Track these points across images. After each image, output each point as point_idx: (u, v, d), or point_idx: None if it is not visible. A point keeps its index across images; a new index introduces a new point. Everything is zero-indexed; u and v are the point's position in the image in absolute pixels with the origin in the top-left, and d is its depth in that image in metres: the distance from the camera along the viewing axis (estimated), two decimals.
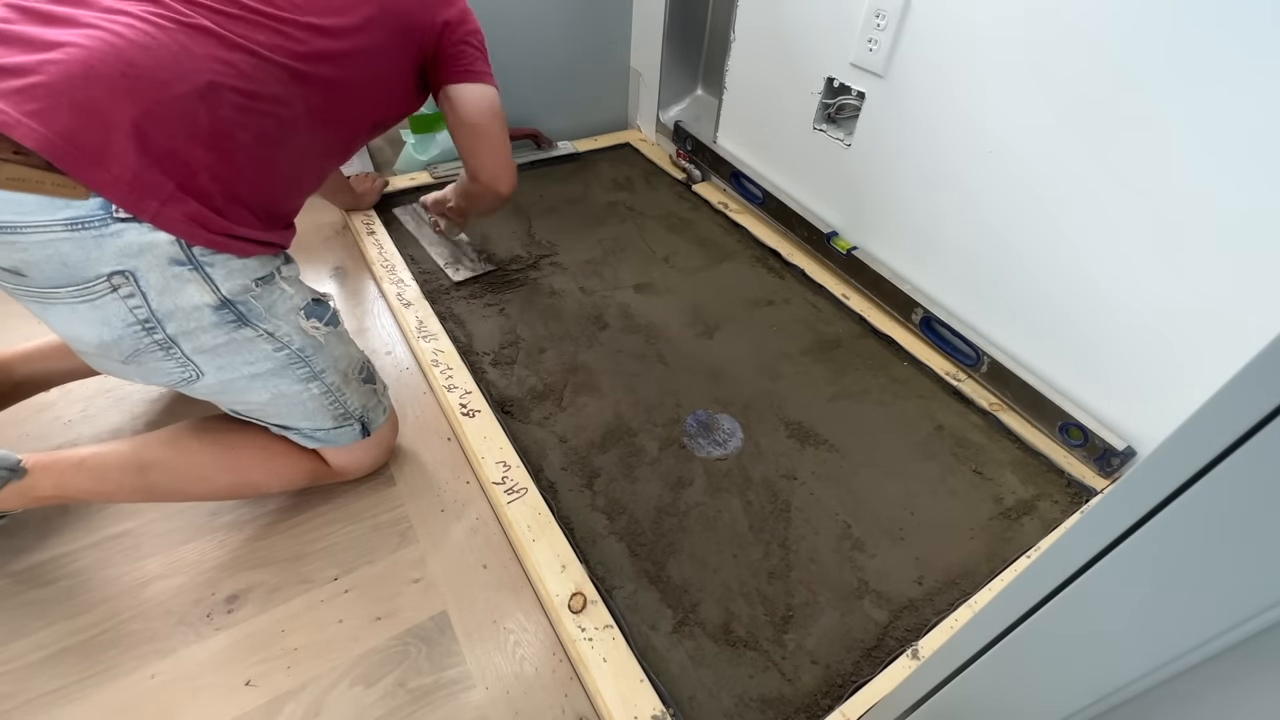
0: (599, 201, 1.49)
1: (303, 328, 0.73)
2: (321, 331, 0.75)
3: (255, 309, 0.69)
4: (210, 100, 0.62)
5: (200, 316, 0.65)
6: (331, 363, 0.77)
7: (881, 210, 1.19)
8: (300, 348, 0.73)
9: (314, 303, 0.76)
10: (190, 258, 0.63)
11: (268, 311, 0.70)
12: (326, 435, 0.80)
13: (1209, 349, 0.82)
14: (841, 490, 0.92)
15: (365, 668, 0.73)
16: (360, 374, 0.82)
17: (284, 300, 0.72)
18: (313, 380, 0.75)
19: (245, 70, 0.65)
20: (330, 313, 0.78)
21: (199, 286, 0.64)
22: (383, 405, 0.87)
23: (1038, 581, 0.36)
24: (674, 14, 1.50)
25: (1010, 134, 0.94)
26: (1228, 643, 0.27)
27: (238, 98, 0.64)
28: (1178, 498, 0.27)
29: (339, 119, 0.79)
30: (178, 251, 0.61)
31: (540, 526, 0.83)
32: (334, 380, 0.77)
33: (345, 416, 0.80)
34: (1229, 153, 0.73)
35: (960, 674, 0.44)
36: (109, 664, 0.71)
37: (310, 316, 0.74)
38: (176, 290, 0.63)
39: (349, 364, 0.80)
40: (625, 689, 0.70)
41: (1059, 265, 0.94)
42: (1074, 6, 0.81)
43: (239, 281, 0.67)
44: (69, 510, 0.83)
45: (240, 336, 0.69)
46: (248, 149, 0.66)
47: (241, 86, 0.65)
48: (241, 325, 0.68)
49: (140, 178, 0.58)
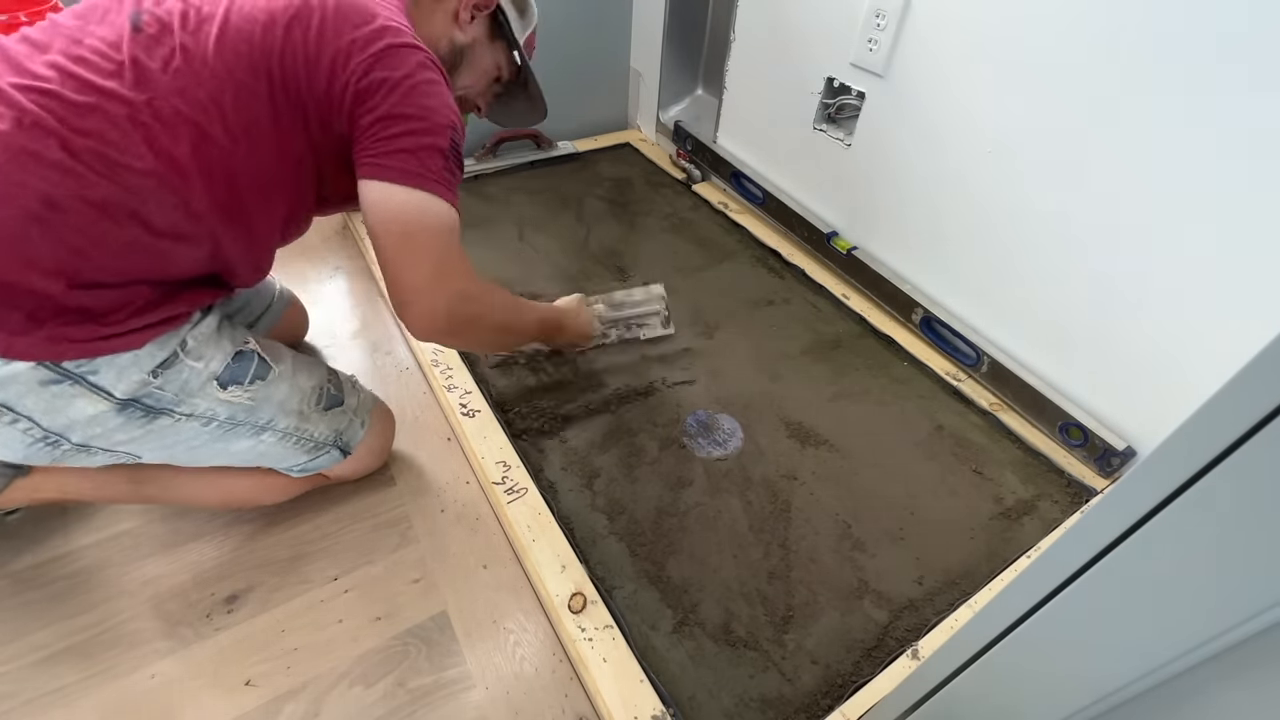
0: (598, 201, 1.49)
1: (223, 399, 0.67)
2: (245, 394, 0.69)
3: (163, 398, 0.63)
4: (45, 220, 0.53)
5: (104, 421, 0.60)
6: (277, 409, 0.72)
7: (881, 210, 1.19)
8: (229, 416, 0.68)
9: (232, 363, 0.68)
10: (64, 374, 0.56)
11: (179, 395, 0.64)
12: (305, 467, 0.79)
13: (1209, 349, 0.82)
14: (841, 490, 0.92)
15: (365, 668, 0.73)
16: (319, 403, 0.77)
17: (195, 377, 0.64)
18: (262, 433, 0.71)
19: (86, 175, 0.54)
20: (254, 367, 0.70)
21: (87, 399, 0.58)
22: (359, 420, 0.82)
23: (1038, 581, 0.36)
24: (674, 14, 1.50)
25: (1010, 134, 0.94)
26: (1228, 643, 0.27)
27: (85, 210, 0.54)
28: (1178, 498, 0.27)
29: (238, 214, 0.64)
30: (46, 374, 0.56)
31: (540, 526, 0.83)
32: (288, 423, 0.73)
33: (317, 447, 0.77)
34: (1230, 152, 0.73)
35: (960, 674, 0.44)
36: (109, 664, 0.71)
37: (229, 385, 0.67)
38: (64, 407, 0.58)
39: (301, 399, 0.74)
40: (625, 689, 0.70)
41: (1059, 265, 0.94)
42: (1074, 6, 0.81)
43: (134, 378, 0.60)
44: (68, 510, 0.83)
45: (158, 426, 0.64)
46: (114, 255, 0.57)
47: (83, 196, 0.54)
48: (155, 416, 0.63)
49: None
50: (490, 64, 0.82)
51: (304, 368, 0.77)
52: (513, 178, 1.53)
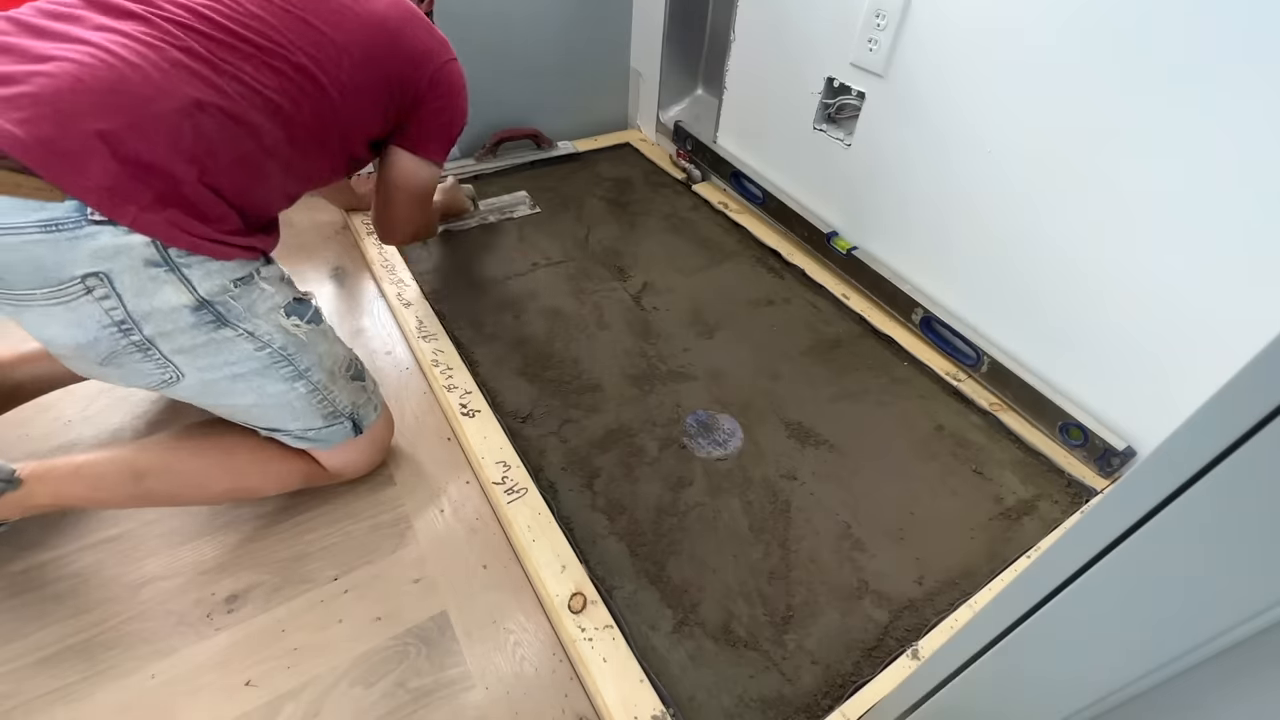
0: (598, 201, 1.49)
1: (283, 326, 0.73)
2: (303, 329, 0.75)
3: (234, 309, 0.69)
4: (196, 118, 0.63)
5: (178, 317, 0.65)
6: (316, 360, 0.76)
7: (881, 210, 1.19)
8: (282, 346, 0.73)
9: (295, 301, 0.76)
10: (166, 259, 0.63)
11: (247, 311, 0.70)
12: (317, 435, 0.79)
13: (1209, 349, 0.82)
14: (841, 490, 0.92)
15: (365, 668, 0.73)
16: (348, 371, 0.82)
17: (264, 299, 0.71)
18: (298, 379, 0.75)
19: (231, 95, 0.66)
20: (312, 310, 0.78)
21: (175, 288, 0.64)
22: (374, 403, 0.86)
23: (1038, 581, 0.36)
24: (674, 14, 1.50)
25: (1010, 134, 0.94)
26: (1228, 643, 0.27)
27: (223, 118, 0.66)
28: (1178, 498, 0.27)
29: (317, 152, 0.80)
30: (154, 253, 0.62)
31: (540, 526, 0.83)
32: (320, 378, 0.77)
33: (335, 415, 0.80)
34: (1230, 152, 0.73)
35: (960, 674, 0.44)
36: (109, 664, 0.71)
37: (291, 315, 0.74)
38: (153, 292, 0.63)
39: (335, 361, 0.79)
40: (625, 689, 0.70)
41: (1059, 265, 0.94)
42: (1074, 6, 0.81)
43: (217, 282, 0.67)
44: (68, 511, 0.83)
45: (220, 336, 0.68)
46: (230, 165, 0.67)
47: (226, 108, 0.66)
48: (221, 325, 0.68)
49: (119, 184, 0.59)
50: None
51: (338, 339, 0.83)
52: (513, 178, 1.53)
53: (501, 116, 1.55)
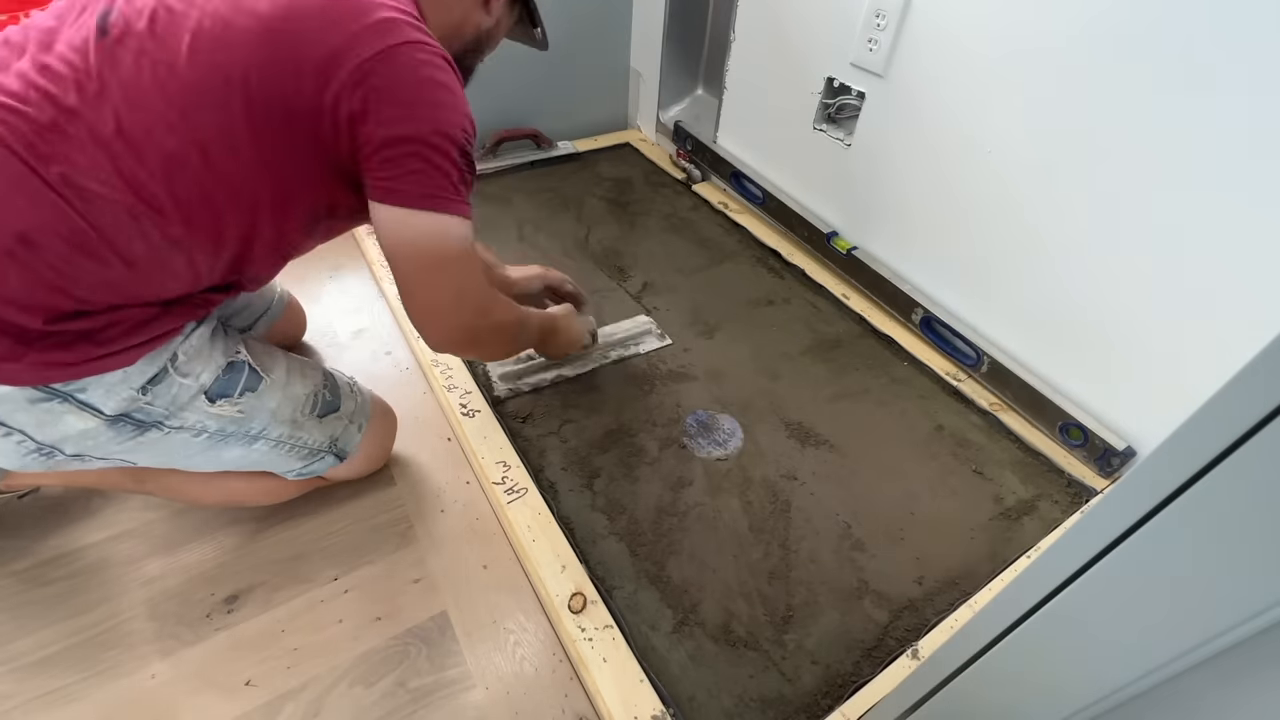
0: (598, 201, 1.49)
1: (212, 413, 0.66)
2: (237, 406, 0.68)
3: (153, 412, 0.62)
4: (19, 257, 0.51)
5: (95, 435, 0.60)
6: (269, 418, 0.71)
7: (881, 210, 1.19)
8: (219, 428, 0.67)
9: (223, 375, 0.66)
10: (52, 393, 0.56)
11: (169, 409, 0.63)
12: (301, 471, 0.78)
13: (1209, 349, 0.82)
14: (841, 490, 0.92)
15: (365, 668, 0.73)
16: (313, 411, 0.75)
17: (185, 391, 0.63)
18: (254, 441, 0.71)
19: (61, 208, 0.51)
20: (244, 378, 0.68)
21: (76, 415, 0.58)
22: (357, 423, 0.81)
23: (1038, 581, 0.36)
24: (674, 14, 1.50)
25: (1010, 134, 0.94)
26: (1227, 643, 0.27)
27: (56, 246, 0.52)
28: (1178, 498, 0.27)
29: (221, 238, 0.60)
30: (34, 393, 0.55)
31: (540, 526, 0.83)
32: (280, 432, 0.72)
33: (311, 454, 0.77)
34: (1229, 153, 0.73)
35: (960, 674, 0.44)
36: (109, 664, 0.71)
37: (217, 399, 0.66)
38: (54, 422, 0.58)
39: (294, 408, 0.73)
40: (625, 689, 0.70)
41: (1059, 265, 0.94)
42: (1074, 6, 0.81)
43: (122, 395, 0.59)
44: (69, 510, 0.83)
45: (148, 438, 0.64)
46: (94, 289, 0.54)
47: (58, 231, 0.51)
48: (145, 430, 0.63)
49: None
50: (503, 34, 0.79)
51: (298, 374, 0.75)
52: (513, 177, 1.53)
53: (501, 116, 1.54)
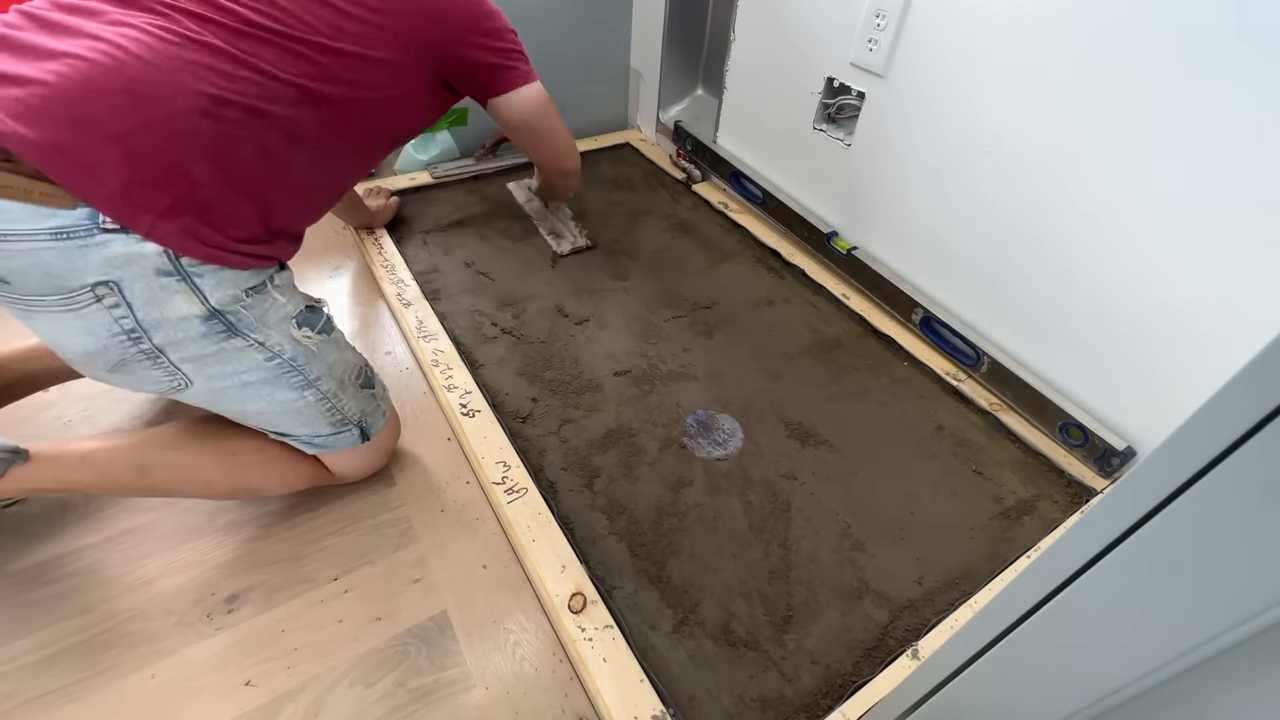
0: (598, 201, 1.49)
1: (294, 337, 0.72)
2: (314, 340, 0.74)
3: (245, 319, 0.68)
4: (213, 116, 0.62)
5: (188, 327, 0.64)
6: (326, 370, 0.76)
7: (881, 210, 1.19)
8: (292, 356, 0.72)
9: (307, 310, 0.74)
10: (179, 269, 0.62)
11: (258, 321, 0.69)
12: (324, 441, 0.80)
13: (1209, 349, 0.82)
14: (841, 490, 0.92)
15: (365, 668, 0.73)
16: (358, 379, 0.81)
17: (276, 309, 0.70)
18: (307, 388, 0.75)
19: (251, 88, 0.65)
20: (324, 320, 0.77)
21: (187, 297, 0.63)
22: (382, 409, 0.86)
23: (1038, 581, 0.36)
24: (674, 14, 1.50)
25: (1010, 134, 0.94)
26: (1228, 643, 0.27)
27: (243, 115, 0.64)
28: (1178, 498, 0.27)
29: (353, 136, 0.78)
30: (165, 263, 0.61)
31: (540, 526, 0.83)
32: (330, 387, 0.77)
33: (343, 422, 0.80)
34: (1229, 153, 0.73)
35: (960, 674, 0.44)
36: (109, 664, 0.71)
37: (303, 325, 0.73)
38: (164, 301, 0.62)
39: (345, 370, 0.79)
40: (625, 689, 0.70)
41: (1059, 265, 0.94)
42: (1074, 6, 0.81)
43: (229, 292, 0.66)
44: (69, 511, 0.83)
45: (230, 346, 0.68)
46: (253, 165, 0.66)
47: (247, 104, 0.64)
48: (231, 335, 0.67)
49: (134, 191, 0.58)
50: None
51: (350, 346, 0.82)
52: (513, 177, 1.53)
53: None
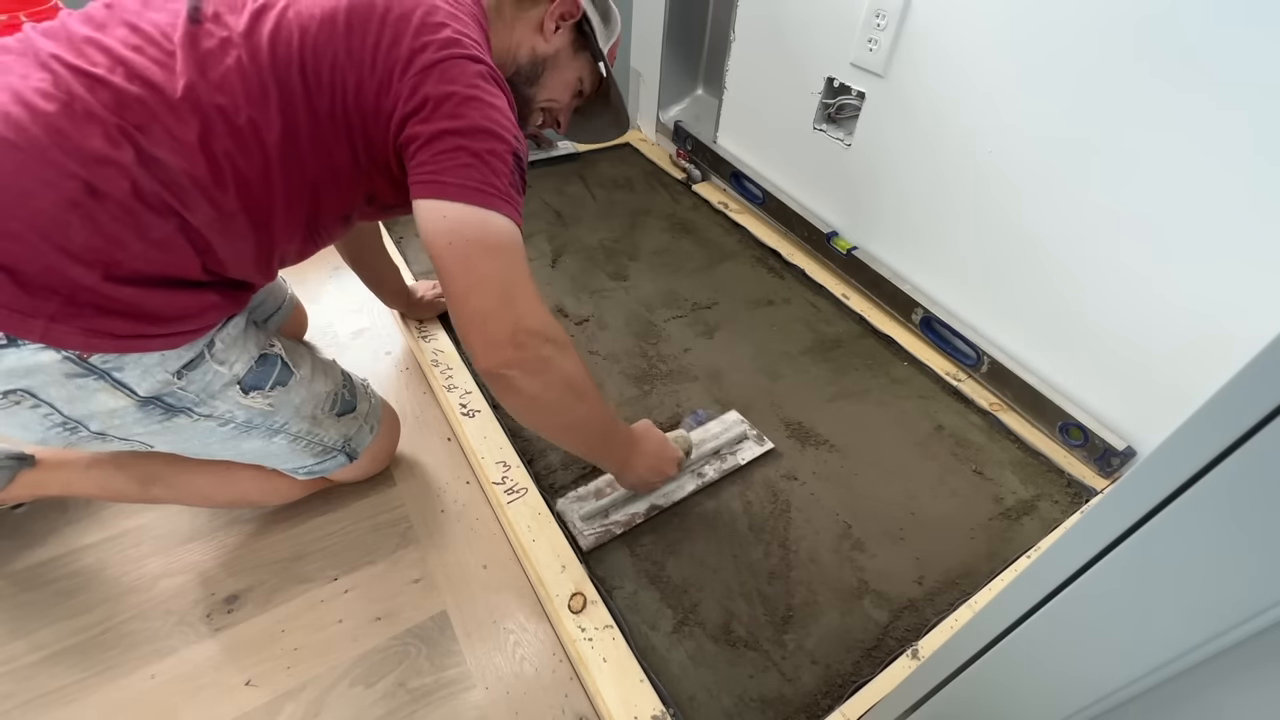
0: (599, 201, 1.49)
1: (243, 404, 0.67)
2: (266, 401, 0.69)
3: (184, 397, 0.63)
4: (85, 208, 0.52)
5: (123, 415, 0.60)
6: (292, 414, 0.72)
7: (881, 210, 1.19)
8: (246, 420, 0.68)
9: (256, 367, 0.68)
10: (90, 368, 0.56)
11: (200, 395, 0.63)
12: (310, 469, 0.79)
13: (1209, 350, 0.82)
14: (841, 490, 0.92)
15: (365, 668, 0.73)
16: (333, 408, 0.76)
17: (217, 379, 0.64)
18: (275, 434, 0.71)
19: (136, 167, 0.54)
20: (276, 372, 0.70)
21: (109, 394, 0.58)
22: (369, 424, 0.82)
23: (1038, 581, 0.36)
24: (674, 14, 1.50)
25: (1010, 134, 0.94)
26: (1228, 643, 0.27)
27: (122, 199, 0.53)
28: (1178, 498, 0.27)
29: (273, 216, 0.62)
30: (72, 366, 0.55)
31: (540, 526, 0.83)
32: (301, 427, 0.73)
33: (325, 451, 0.77)
34: (1230, 153, 0.73)
35: (960, 674, 0.44)
36: (109, 664, 0.71)
37: (250, 390, 0.67)
38: (86, 399, 0.58)
39: (316, 404, 0.74)
40: (625, 689, 0.70)
41: (1059, 265, 0.94)
42: (1075, 6, 0.81)
43: (157, 378, 0.60)
44: (69, 511, 0.83)
45: (175, 423, 0.64)
46: (152, 246, 0.56)
47: (126, 188, 0.54)
48: (173, 415, 0.63)
49: (13, 300, 0.51)
50: (573, 75, 0.76)
51: (322, 372, 0.76)
52: None
53: None
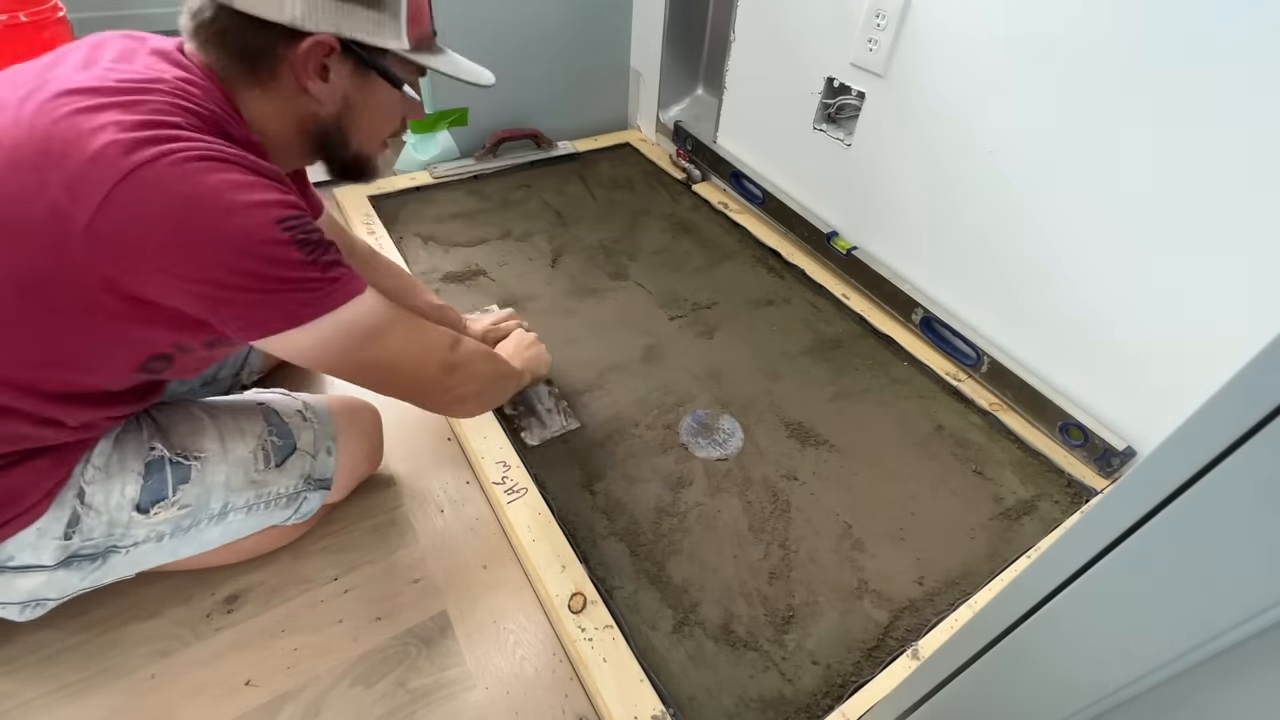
0: (598, 202, 1.49)
1: (153, 523, 0.62)
2: (178, 505, 0.63)
3: (99, 544, 0.59)
4: None
5: (57, 582, 0.58)
6: (224, 493, 0.66)
7: (881, 210, 1.19)
8: (174, 529, 0.64)
9: (145, 483, 0.60)
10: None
11: (110, 533, 0.59)
12: (295, 516, 0.75)
13: (1209, 349, 0.82)
14: (841, 490, 0.92)
15: (365, 668, 0.73)
16: (269, 464, 0.69)
17: (115, 511, 0.59)
18: (225, 516, 0.67)
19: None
20: (170, 475, 0.62)
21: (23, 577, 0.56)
22: (322, 450, 0.74)
23: (1038, 581, 0.36)
24: (674, 14, 1.50)
25: (1010, 134, 0.94)
26: (1227, 643, 0.27)
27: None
28: (1178, 498, 0.27)
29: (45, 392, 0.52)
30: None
31: (540, 526, 0.83)
32: (245, 498, 0.67)
33: (292, 500, 0.72)
34: (1230, 153, 0.73)
35: (960, 674, 0.44)
36: (109, 664, 0.71)
37: (150, 507, 0.61)
38: (10, 587, 0.56)
39: (246, 470, 0.67)
40: (625, 689, 0.70)
41: (1059, 265, 0.94)
42: (1075, 6, 0.81)
43: (51, 547, 0.56)
44: None
45: (114, 561, 0.62)
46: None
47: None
48: (104, 557, 0.60)
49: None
50: (382, 105, 0.61)
51: (235, 435, 0.67)
52: (512, 178, 1.53)
53: (502, 117, 1.55)
